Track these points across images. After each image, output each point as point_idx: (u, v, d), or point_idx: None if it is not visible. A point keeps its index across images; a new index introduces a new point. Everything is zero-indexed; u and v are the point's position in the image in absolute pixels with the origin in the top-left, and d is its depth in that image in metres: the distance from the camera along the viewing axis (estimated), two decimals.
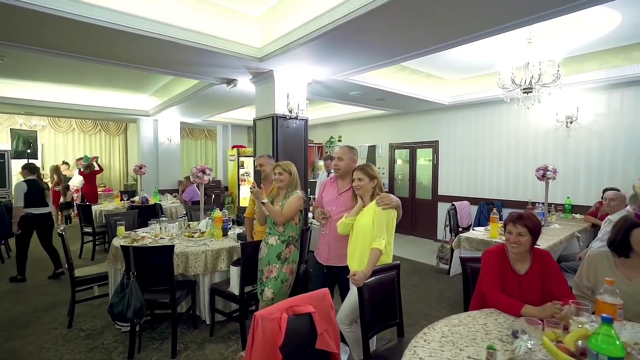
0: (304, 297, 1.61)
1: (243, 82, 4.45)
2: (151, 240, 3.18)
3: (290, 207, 2.49)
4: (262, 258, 2.57)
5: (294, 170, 2.62)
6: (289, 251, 2.53)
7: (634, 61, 4.20)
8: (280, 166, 2.58)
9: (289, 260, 2.52)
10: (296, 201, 2.50)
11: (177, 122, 8.39)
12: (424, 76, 5.29)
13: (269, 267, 2.50)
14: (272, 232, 2.55)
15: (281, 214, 2.46)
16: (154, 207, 5.41)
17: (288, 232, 2.53)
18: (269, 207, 2.48)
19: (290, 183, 2.58)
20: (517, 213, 1.96)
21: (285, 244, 2.51)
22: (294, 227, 2.56)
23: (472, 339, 1.48)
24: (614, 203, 3.46)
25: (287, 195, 2.56)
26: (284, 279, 2.49)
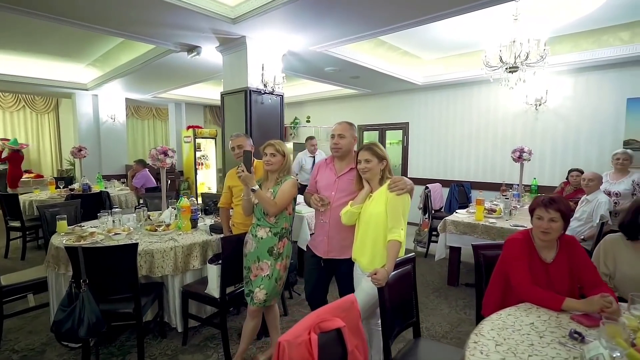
0: (330, 308, 1.29)
1: (208, 51, 3.86)
2: (104, 237, 2.62)
3: (284, 195, 2.12)
4: (249, 253, 2.20)
5: (288, 152, 2.22)
6: (283, 245, 2.18)
7: (603, 45, 4.31)
8: (273, 146, 2.16)
9: (282, 255, 2.18)
10: (290, 188, 2.14)
11: (122, 98, 7.38)
12: (401, 53, 5.05)
13: (258, 264, 2.15)
14: (262, 223, 2.17)
15: (274, 203, 2.09)
16: (99, 196, 4.66)
17: (281, 224, 2.17)
18: (261, 195, 2.09)
19: (282, 166, 2.19)
20: (547, 196, 1.79)
21: (278, 237, 2.16)
22: (287, 218, 2.20)
23: (529, 344, 1.27)
24: (592, 183, 3.53)
25: (279, 180, 2.18)
26: (277, 277, 2.16)
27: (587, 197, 3.50)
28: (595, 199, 3.35)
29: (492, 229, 3.36)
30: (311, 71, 4.95)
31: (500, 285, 1.89)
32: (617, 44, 4.23)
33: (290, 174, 2.22)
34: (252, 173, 2.09)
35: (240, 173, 2.09)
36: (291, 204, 2.21)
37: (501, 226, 3.33)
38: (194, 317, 2.59)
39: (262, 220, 2.17)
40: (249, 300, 2.17)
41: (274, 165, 2.16)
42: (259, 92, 3.57)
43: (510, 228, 3.26)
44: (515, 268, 1.75)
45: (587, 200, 3.47)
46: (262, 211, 2.15)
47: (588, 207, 3.41)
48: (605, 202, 3.27)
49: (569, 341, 1.29)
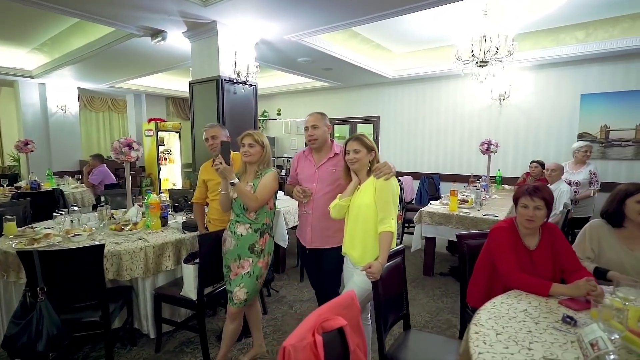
0: (331, 305, 1.21)
1: (174, 37, 3.59)
2: (61, 239, 2.36)
3: (266, 188, 1.99)
4: (228, 251, 2.07)
5: (267, 143, 2.09)
6: (264, 241, 2.06)
7: (561, 43, 4.56)
8: (252, 136, 2.01)
9: (264, 252, 2.06)
10: (272, 182, 2.02)
11: (74, 88, 6.77)
12: (373, 46, 5.05)
13: (239, 263, 2.02)
14: (242, 219, 2.03)
15: (255, 197, 1.95)
16: (51, 194, 4.24)
17: (262, 219, 2.05)
18: (241, 189, 1.94)
19: (262, 158, 2.05)
20: (532, 185, 1.83)
21: (259, 234, 2.04)
22: (269, 213, 2.08)
23: (527, 331, 1.28)
24: (554, 173, 3.73)
25: (259, 173, 2.05)
26: (259, 275, 2.04)
27: (550, 186, 3.69)
28: (558, 188, 3.54)
29: (465, 219, 3.45)
30: (284, 62, 4.80)
31: (486, 274, 1.92)
32: (573, 43, 4.50)
33: (270, 167, 2.09)
34: (230, 165, 1.93)
35: (218, 165, 1.91)
36: (272, 199, 2.08)
37: (474, 216, 3.43)
38: (168, 322, 2.41)
39: (241, 216, 2.03)
40: (230, 301, 2.04)
41: (252, 156, 2.02)
42: (232, 81, 3.39)
43: (483, 217, 3.36)
44: (502, 256, 1.77)
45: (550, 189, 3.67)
46: (241, 206, 2.01)
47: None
48: (567, 190, 3.48)
49: (563, 326, 1.31)
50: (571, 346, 1.18)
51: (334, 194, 1.96)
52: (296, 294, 3.32)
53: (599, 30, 4.28)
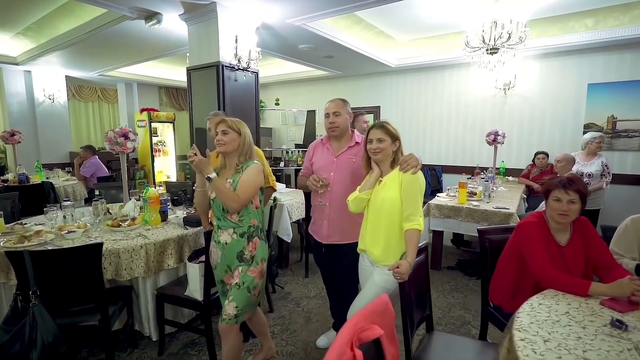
0: (365, 313, 1.08)
1: (170, 19, 3.37)
2: (54, 237, 2.19)
3: (248, 184, 1.72)
4: (217, 265, 1.83)
5: (246, 132, 1.81)
6: (254, 246, 1.79)
7: (569, 31, 4.44)
8: (226, 122, 1.75)
9: (255, 259, 1.79)
10: (254, 176, 1.75)
11: (62, 76, 6.47)
12: (376, 33, 4.87)
13: (231, 274, 1.78)
14: (224, 224, 1.76)
15: (236, 196, 1.69)
16: (41, 188, 4.03)
17: (247, 221, 1.78)
18: (219, 186, 1.67)
19: (240, 149, 1.79)
20: (565, 177, 1.72)
21: (247, 238, 1.77)
22: (255, 213, 1.81)
23: (576, 337, 1.17)
24: (560, 165, 3.64)
25: (239, 167, 1.79)
26: (251, 286, 1.76)
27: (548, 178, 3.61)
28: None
29: (475, 211, 3.35)
30: (284, 49, 4.60)
31: (513, 271, 1.82)
32: (582, 30, 4.38)
33: (253, 159, 1.82)
34: (207, 157, 1.68)
35: (192, 157, 1.66)
36: (258, 196, 1.82)
37: (484, 209, 3.33)
38: (170, 323, 2.27)
39: (222, 219, 1.77)
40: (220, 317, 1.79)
41: (227, 145, 1.73)
42: (232, 67, 3.20)
43: (493, 210, 3.27)
44: (533, 253, 1.66)
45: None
46: (221, 208, 1.75)
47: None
48: None
49: (614, 331, 1.21)
50: (629, 355, 1.08)
51: (353, 185, 1.82)
52: (302, 290, 3.21)
53: (608, 18, 4.16)
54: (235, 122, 1.78)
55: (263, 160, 2.38)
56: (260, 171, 1.79)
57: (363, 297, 1.76)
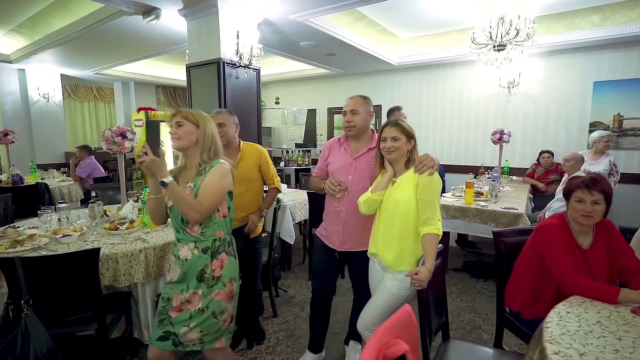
0: (389, 326, 0.99)
1: (169, 15, 3.27)
2: (48, 241, 2.08)
3: (212, 189, 1.45)
4: (171, 283, 1.53)
5: (208, 125, 1.52)
6: (220, 265, 1.51)
7: (575, 28, 4.37)
8: (181, 112, 1.49)
9: (221, 279, 1.51)
10: (220, 179, 1.48)
11: (57, 75, 6.34)
12: (379, 30, 4.78)
13: (183, 296, 1.48)
14: (183, 237, 1.50)
15: (197, 203, 1.42)
16: (36, 189, 3.91)
17: (211, 234, 1.51)
18: (176, 191, 1.40)
19: (201, 145, 1.50)
20: (589, 177, 1.63)
21: (210, 254, 1.49)
22: (222, 223, 1.54)
23: (613, 350, 1.09)
24: (569, 164, 3.57)
25: (202, 168, 1.50)
26: (217, 311, 1.49)
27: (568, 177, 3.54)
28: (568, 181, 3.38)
29: (483, 212, 3.27)
30: (285, 46, 4.51)
31: (532, 275, 1.73)
32: (588, 27, 4.31)
33: (219, 157, 1.54)
34: (162, 157, 1.39)
35: (142, 157, 1.37)
36: (225, 202, 1.54)
37: (492, 209, 3.25)
38: None
39: (181, 232, 1.50)
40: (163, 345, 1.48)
41: (181, 140, 1.46)
42: (234, 64, 3.10)
43: (502, 211, 3.19)
44: (555, 257, 1.58)
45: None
46: (180, 218, 1.48)
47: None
48: None
49: None
50: None
51: None
52: (306, 294, 3.11)
53: (616, 14, 4.10)
54: (194, 112, 1.52)
55: (268, 160, 2.29)
56: (227, 172, 1.51)
57: (374, 303, 1.67)
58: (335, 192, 1.74)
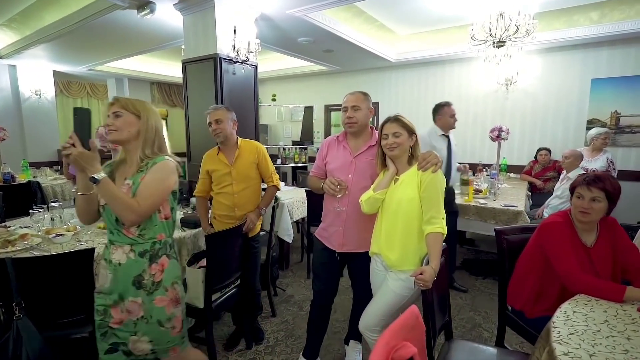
0: (396, 328, 0.96)
1: (164, 9, 3.20)
2: (41, 241, 2.03)
3: (153, 188, 1.30)
4: (103, 290, 1.36)
5: (151, 115, 1.37)
6: (161, 268, 1.36)
7: (574, 25, 4.36)
8: (119, 101, 1.34)
9: (163, 284, 1.36)
10: (162, 176, 1.33)
11: (49, 71, 6.22)
12: (377, 27, 4.73)
13: (122, 306, 1.33)
14: (118, 238, 1.35)
15: (134, 203, 1.27)
16: (27, 187, 3.83)
17: (151, 236, 1.36)
18: (108, 190, 1.23)
19: (142, 138, 1.34)
20: (593, 174, 1.62)
21: (149, 258, 1.34)
22: (164, 225, 1.39)
23: (623, 350, 1.07)
24: (569, 161, 3.56)
25: (143, 164, 1.35)
26: (163, 318, 1.35)
27: (568, 174, 3.53)
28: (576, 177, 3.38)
29: (483, 210, 3.25)
30: (283, 42, 4.45)
31: (536, 274, 1.71)
32: (587, 24, 4.30)
33: (164, 152, 1.40)
34: (92, 150, 1.21)
35: (69, 149, 1.18)
36: (168, 202, 1.39)
37: (492, 207, 3.23)
38: None
39: (116, 233, 1.34)
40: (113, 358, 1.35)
41: (119, 131, 1.31)
42: (230, 60, 3.04)
43: (502, 208, 3.17)
44: (560, 255, 1.56)
45: (568, 177, 3.51)
46: (114, 218, 1.32)
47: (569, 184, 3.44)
48: None
49: None
50: None
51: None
52: (305, 293, 3.08)
53: (615, 11, 4.08)
54: (135, 102, 1.36)
55: (266, 158, 2.24)
56: (172, 170, 1.37)
57: (376, 304, 1.64)
58: (335, 192, 1.69)
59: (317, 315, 1.99)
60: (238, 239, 2.06)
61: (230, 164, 2.13)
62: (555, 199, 3.64)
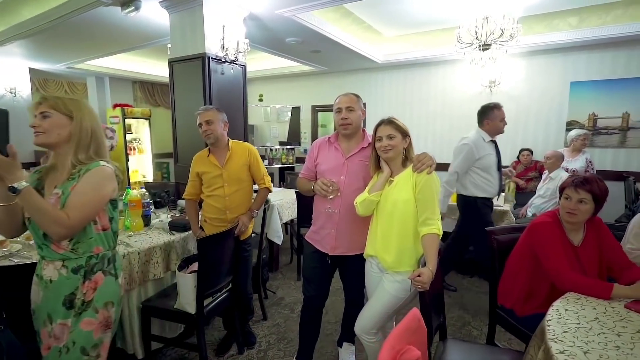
0: (399, 332, 0.96)
1: (149, 7, 3.11)
2: (21, 247, 1.94)
3: (85, 198, 1.18)
4: (35, 310, 1.29)
5: (85, 116, 1.24)
6: (93, 286, 1.24)
7: (554, 29, 4.50)
8: (48, 101, 1.22)
9: (92, 305, 1.24)
10: (97, 184, 1.21)
11: (25, 68, 5.98)
12: (364, 28, 4.76)
13: (50, 329, 1.23)
14: (47, 254, 1.22)
15: (62, 216, 1.13)
16: None
17: (86, 250, 1.23)
18: (31, 200, 1.10)
19: (75, 142, 1.22)
20: (581, 176, 1.66)
21: (83, 274, 1.22)
22: (101, 238, 1.27)
23: (615, 347, 1.10)
24: (550, 161, 3.67)
25: (75, 171, 1.21)
26: (88, 345, 1.23)
27: (550, 174, 3.64)
28: (558, 176, 3.49)
29: None
30: (270, 42, 4.41)
31: (525, 273, 1.75)
32: (566, 29, 4.45)
33: (101, 157, 1.26)
34: (11, 155, 1.09)
35: None
36: (106, 213, 1.27)
37: None
38: (158, 339, 2.07)
39: (45, 248, 1.21)
40: None
41: (48, 134, 1.19)
42: (219, 60, 2.99)
43: None
44: (550, 255, 1.60)
45: (550, 177, 3.62)
46: (41, 232, 1.19)
47: (551, 184, 3.56)
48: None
49: None
50: None
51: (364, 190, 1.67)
52: (295, 295, 3.06)
53: (592, 17, 4.24)
54: (66, 101, 1.23)
55: (258, 159, 2.21)
56: (109, 177, 1.23)
57: (373, 306, 1.64)
58: (327, 193, 1.67)
59: (309, 319, 1.97)
60: (230, 242, 2.03)
61: (222, 166, 2.10)
62: (538, 198, 3.75)
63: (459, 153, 2.96)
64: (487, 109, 2.93)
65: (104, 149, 1.30)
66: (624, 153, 4.63)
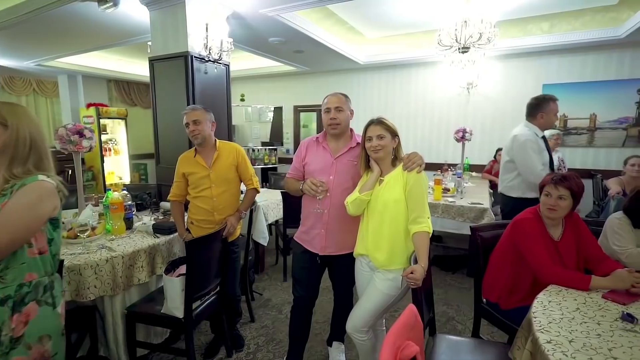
0: (398, 328, 0.98)
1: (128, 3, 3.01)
2: None
3: (15, 217, 1.05)
4: None
5: (23, 124, 1.12)
6: (24, 320, 1.09)
7: (528, 34, 4.70)
8: None
9: (22, 341, 1.09)
10: (32, 202, 1.08)
11: None
12: (347, 29, 4.80)
13: None
14: None
15: None
16: None
17: (16, 277, 1.09)
18: None
19: (11, 153, 1.10)
20: (560, 173, 1.74)
21: (12, 306, 1.08)
22: (36, 263, 1.13)
23: (596, 335, 1.17)
24: None
25: (8, 186, 1.08)
26: None
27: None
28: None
29: (451, 207, 3.40)
30: (253, 42, 4.37)
31: (509, 268, 1.82)
32: (539, 34, 4.65)
33: (42, 170, 1.14)
34: None
35: None
36: (44, 234, 1.14)
37: (460, 204, 3.39)
38: (143, 345, 2.01)
39: None
40: None
41: None
42: (202, 59, 2.94)
43: (469, 206, 3.34)
44: (533, 249, 1.67)
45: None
46: None
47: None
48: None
49: (627, 325, 1.22)
50: None
51: (354, 190, 1.69)
52: (282, 296, 3.05)
53: (562, 22, 4.45)
54: (0, 107, 1.11)
55: (245, 160, 2.19)
56: (48, 193, 1.10)
57: (364, 305, 1.66)
58: (316, 193, 1.67)
59: (298, 320, 1.97)
60: (218, 244, 2.00)
61: (209, 167, 2.06)
62: None
63: (524, 150, 2.53)
64: (542, 100, 2.62)
65: (47, 162, 1.15)
66: (592, 152, 4.89)
